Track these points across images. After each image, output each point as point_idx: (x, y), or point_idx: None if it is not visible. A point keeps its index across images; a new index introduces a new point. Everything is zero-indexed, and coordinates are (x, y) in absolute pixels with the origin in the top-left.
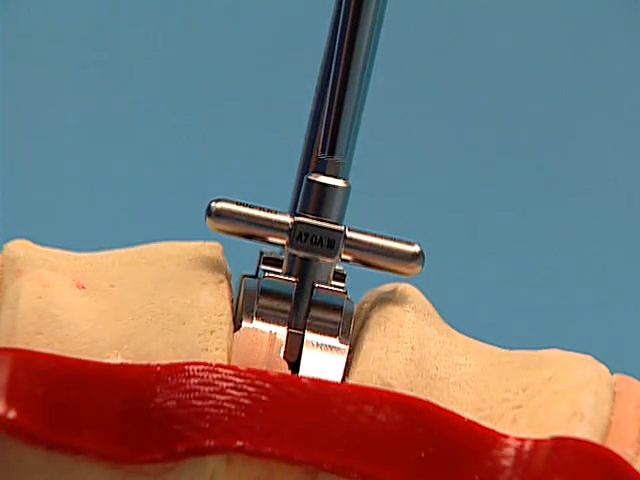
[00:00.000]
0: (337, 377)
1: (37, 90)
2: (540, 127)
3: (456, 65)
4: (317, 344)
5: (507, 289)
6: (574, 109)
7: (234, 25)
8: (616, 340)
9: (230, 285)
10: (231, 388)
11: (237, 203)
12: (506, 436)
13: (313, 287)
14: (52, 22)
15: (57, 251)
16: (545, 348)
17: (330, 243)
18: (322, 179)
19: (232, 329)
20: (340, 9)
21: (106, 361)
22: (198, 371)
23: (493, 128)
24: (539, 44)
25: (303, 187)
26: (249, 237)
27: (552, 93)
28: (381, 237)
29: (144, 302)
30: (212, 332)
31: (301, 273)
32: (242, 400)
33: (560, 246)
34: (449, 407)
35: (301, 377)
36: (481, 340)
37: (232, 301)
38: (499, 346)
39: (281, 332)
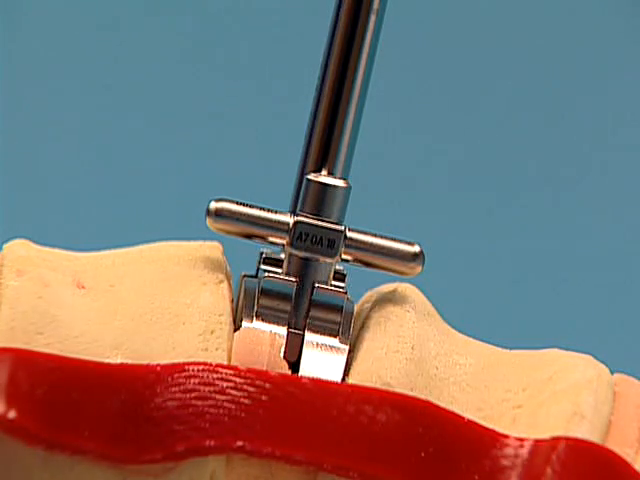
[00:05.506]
0: (337, 377)
1: (37, 90)
2: (540, 128)
3: (457, 66)
4: (317, 344)
5: (507, 289)
6: (573, 108)
7: (233, 25)
8: (616, 340)
9: (230, 285)
10: (231, 388)
11: (237, 203)
12: (506, 436)
13: (313, 287)
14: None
15: (57, 251)
16: (545, 348)
17: (330, 243)
18: (322, 179)
19: (232, 329)
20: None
21: (106, 361)
22: (198, 371)
23: (493, 128)
24: (536, 42)
25: (303, 187)
26: (249, 237)
27: (551, 93)
28: (381, 237)
29: (144, 302)
30: (212, 332)
31: (301, 273)
32: (242, 400)
33: (560, 246)
34: (449, 407)
35: (301, 377)
36: (481, 340)
37: (232, 301)
38: (499, 346)
39: (281, 332)
